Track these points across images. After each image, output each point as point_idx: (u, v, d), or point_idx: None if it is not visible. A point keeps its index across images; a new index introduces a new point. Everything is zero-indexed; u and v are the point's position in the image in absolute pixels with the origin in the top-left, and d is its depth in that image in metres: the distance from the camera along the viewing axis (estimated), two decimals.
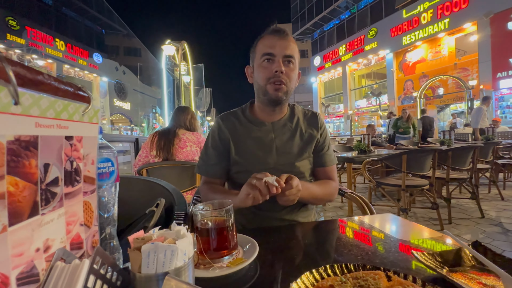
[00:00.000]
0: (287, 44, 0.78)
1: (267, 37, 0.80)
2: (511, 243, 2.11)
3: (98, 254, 0.27)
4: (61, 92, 0.27)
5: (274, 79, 0.78)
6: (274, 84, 0.78)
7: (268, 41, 0.79)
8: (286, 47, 0.78)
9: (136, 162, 1.98)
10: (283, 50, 0.78)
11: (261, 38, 0.82)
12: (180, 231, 0.35)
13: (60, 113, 0.26)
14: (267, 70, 0.79)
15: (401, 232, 0.62)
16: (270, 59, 0.78)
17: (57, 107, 0.26)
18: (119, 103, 23.40)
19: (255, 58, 0.83)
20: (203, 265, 0.44)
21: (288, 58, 0.79)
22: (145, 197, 0.99)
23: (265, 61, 0.79)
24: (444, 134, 4.36)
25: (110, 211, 0.42)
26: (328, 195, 0.86)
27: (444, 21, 12.60)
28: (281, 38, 0.78)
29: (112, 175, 0.42)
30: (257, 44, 0.83)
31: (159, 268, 0.30)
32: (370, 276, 0.34)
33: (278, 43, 0.78)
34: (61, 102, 0.26)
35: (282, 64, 0.77)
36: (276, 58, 0.78)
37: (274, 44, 0.78)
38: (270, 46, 0.78)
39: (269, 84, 0.79)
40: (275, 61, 0.78)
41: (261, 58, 0.79)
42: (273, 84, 0.78)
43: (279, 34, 0.79)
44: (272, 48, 0.78)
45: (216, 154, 0.87)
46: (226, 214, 0.47)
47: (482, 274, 0.40)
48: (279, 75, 0.77)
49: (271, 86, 0.79)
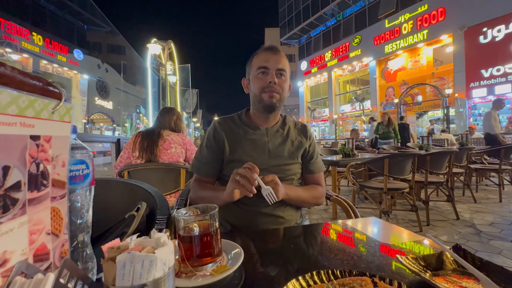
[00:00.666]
0: (279, 59, 0.89)
1: (262, 53, 0.91)
2: (483, 243, 2.23)
3: (65, 267, 0.24)
4: (27, 86, 0.24)
5: (269, 89, 0.87)
6: (268, 92, 0.87)
7: (263, 56, 0.89)
8: (279, 62, 0.88)
9: (117, 163, 1.90)
10: (276, 64, 0.87)
11: (256, 55, 0.92)
12: (160, 238, 0.33)
13: (24, 109, 0.24)
14: (262, 81, 0.88)
15: (386, 236, 0.62)
16: (264, 72, 0.88)
17: (21, 103, 0.23)
18: (101, 102, 22.51)
19: (251, 71, 0.93)
20: (185, 274, 0.42)
21: (280, 71, 0.88)
22: (125, 201, 0.94)
23: (260, 73, 0.88)
24: (423, 140, 4.56)
25: (84, 217, 0.39)
26: (315, 198, 0.92)
27: (423, 32, 13.29)
28: (274, 53, 0.89)
29: (87, 178, 0.39)
30: (253, 59, 0.93)
31: (136, 280, 0.28)
32: (356, 282, 0.33)
33: (271, 58, 0.88)
34: (26, 98, 0.24)
35: (275, 76, 0.87)
36: (270, 71, 0.87)
37: (268, 58, 0.88)
38: (264, 60, 0.88)
39: (264, 93, 0.88)
40: (269, 73, 0.87)
41: (256, 71, 0.89)
42: (267, 93, 0.87)
43: (272, 51, 0.90)
44: (266, 62, 0.87)
45: (209, 154, 0.93)
46: (210, 219, 0.45)
47: (462, 277, 0.41)
48: (272, 85, 0.87)
49: (266, 94, 0.88)
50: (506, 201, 3.54)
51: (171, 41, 7.97)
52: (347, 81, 19.68)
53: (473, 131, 7.68)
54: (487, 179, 4.33)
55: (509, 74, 10.44)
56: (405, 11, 14.15)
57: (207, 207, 0.47)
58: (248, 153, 0.90)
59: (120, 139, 2.46)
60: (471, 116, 11.92)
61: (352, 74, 18.25)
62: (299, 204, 0.93)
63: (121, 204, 0.95)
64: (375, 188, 2.63)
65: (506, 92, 10.68)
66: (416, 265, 0.42)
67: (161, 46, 7.50)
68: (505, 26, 10.58)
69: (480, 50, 11.33)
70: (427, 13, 13.12)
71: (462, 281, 0.40)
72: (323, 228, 0.69)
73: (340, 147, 3.42)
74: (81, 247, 0.39)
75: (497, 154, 3.86)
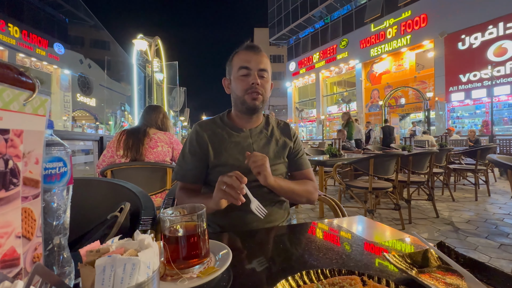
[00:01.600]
0: (261, 59, 0.86)
1: (242, 52, 0.88)
2: (461, 240, 2.34)
3: (37, 272, 0.22)
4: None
5: (251, 90, 0.85)
6: (251, 94, 0.85)
7: (244, 56, 0.87)
8: (260, 62, 0.86)
9: (100, 162, 1.83)
10: (258, 64, 0.85)
11: (237, 54, 0.89)
12: (144, 240, 0.31)
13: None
14: (244, 82, 0.85)
15: (372, 234, 0.63)
16: (246, 73, 0.85)
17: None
18: (83, 99, 21.61)
19: (232, 71, 0.89)
20: (170, 277, 0.40)
21: (262, 72, 0.86)
22: (108, 201, 0.91)
23: (241, 74, 0.86)
24: (405, 141, 4.72)
25: (61, 219, 0.36)
26: (307, 192, 0.89)
27: (406, 37, 13.77)
28: (255, 53, 0.86)
29: (64, 176, 0.36)
30: (233, 59, 0.90)
31: (117, 285, 0.26)
32: (346, 281, 0.33)
33: (253, 58, 0.85)
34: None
35: (257, 77, 0.85)
36: (252, 71, 0.85)
37: (249, 59, 0.85)
38: (246, 60, 0.85)
39: (247, 95, 0.86)
40: (251, 74, 0.85)
41: (238, 72, 0.86)
42: (250, 94, 0.85)
43: (254, 50, 0.87)
44: (248, 63, 0.85)
45: (193, 160, 0.89)
46: (198, 219, 0.44)
47: (447, 274, 0.42)
48: (255, 86, 0.84)
49: (248, 96, 0.85)
50: (481, 200, 3.73)
51: (158, 37, 7.77)
52: (334, 83, 20.05)
53: (451, 133, 8.06)
54: (464, 179, 4.55)
55: (484, 79, 11.03)
56: (390, 16, 14.61)
57: (194, 207, 0.45)
58: (233, 156, 0.88)
59: (103, 137, 2.37)
60: (450, 119, 12.49)
61: (339, 76, 18.62)
62: (291, 197, 0.89)
63: (103, 205, 0.91)
64: (360, 187, 2.69)
65: (481, 97, 11.28)
66: (402, 262, 0.42)
67: (148, 42, 7.30)
68: (481, 34, 11.17)
69: (458, 56, 11.90)
70: (410, 19, 13.61)
71: (446, 277, 0.41)
72: (310, 227, 0.69)
73: (327, 147, 3.47)
74: (57, 250, 0.37)
75: (473, 155, 4.06)
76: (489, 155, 1.67)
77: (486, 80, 10.80)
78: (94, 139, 2.28)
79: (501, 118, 11.16)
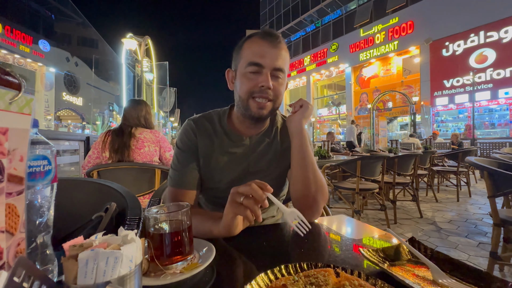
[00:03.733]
0: (278, 54, 0.67)
1: (257, 41, 0.68)
2: (443, 239, 2.43)
3: (20, 265, 0.23)
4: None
5: (259, 94, 0.67)
6: (258, 100, 0.68)
7: (258, 47, 0.67)
8: (277, 58, 0.67)
9: (85, 163, 1.79)
10: (274, 62, 0.66)
11: (249, 40, 0.69)
12: (128, 235, 0.32)
13: None
14: (252, 83, 0.67)
15: (352, 232, 0.66)
16: (256, 71, 0.67)
17: None
18: (69, 98, 20.99)
19: (238, 64, 0.71)
20: (154, 273, 0.41)
21: (277, 72, 0.68)
22: (93, 202, 0.90)
23: (250, 72, 0.67)
24: (392, 143, 4.86)
25: (44, 216, 0.37)
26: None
27: (394, 43, 14.20)
28: (273, 46, 0.67)
29: (48, 174, 0.37)
30: (243, 47, 0.70)
31: (99, 278, 0.27)
32: (320, 273, 0.35)
33: (269, 52, 0.66)
34: None
35: (270, 78, 0.66)
36: (264, 70, 0.66)
37: (264, 52, 0.66)
38: (259, 54, 0.66)
39: (252, 99, 0.68)
40: (263, 73, 0.66)
41: (246, 67, 0.68)
42: (256, 100, 0.68)
43: (271, 41, 0.67)
44: (261, 58, 0.66)
45: (190, 158, 0.75)
46: (182, 217, 0.45)
47: (416, 266, 0.45)
48: (265, 90, 0.67)
49: (254, 103, 0.68)
50: (463, 200, 3.89)
51: (148, 37, 7.69)
52: (324, 86, 20.38)
53: (436, 136, 8.35)
54: (447, 181, 4.73)
55: (466, 85, 11.51)
56: (378, 22, 15.03)
57: (179, 205, 0.47)
58: (222, 169, 0.75)
59: (90, 137, 2.32)
60: (435, 123, 12.94)
61: (329, 79, 18.94)
62: (309, 173, 0.70)
63: (88, 206, 0.90)
64: (348, 188, 2.75)
65: (464, 102, 11.76)
66: (376, 256, 0.45)
67: (138, 41, 7.20)
68: (464, 41, 11.68)
69: (443, 62, 12.38)
70: (398, 25, 14.05)
71: (415, 269, 0.44)
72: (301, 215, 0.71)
73: (316, 149, 3.53)
74: (41, 248, 0.37)
75: (455, 158, 4.23)
76: (467, 157, 1.76)
77: (468, 85, 11.28)
78: (80, 139, 2.23)
79: (482, 123, 11.66)
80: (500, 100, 10.87)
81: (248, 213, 0.50)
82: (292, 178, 0.74)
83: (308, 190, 0.69)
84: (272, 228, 0.71)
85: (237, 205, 0.51)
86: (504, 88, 10.65)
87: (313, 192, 0.69)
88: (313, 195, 0.69)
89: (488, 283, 0.36)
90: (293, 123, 0.74)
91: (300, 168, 0.71)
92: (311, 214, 0.70)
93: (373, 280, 0.35)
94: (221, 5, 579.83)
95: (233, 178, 0.76)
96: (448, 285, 0.37)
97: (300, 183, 0.70)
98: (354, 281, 0.33)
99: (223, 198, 0.57)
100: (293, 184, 0.74)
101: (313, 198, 0.69)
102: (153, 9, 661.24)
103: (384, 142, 13.30)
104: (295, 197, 0.73)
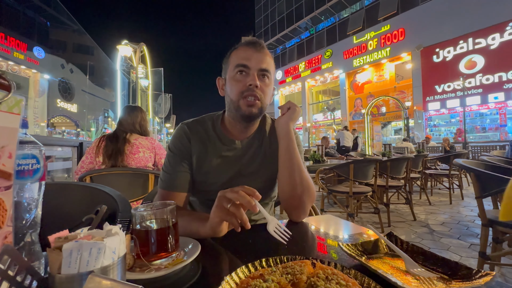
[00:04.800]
0: (263, 57, 0.74)
1: (242, 48, 0.75)
2: (435, 241, 2.46)
3: (6, 253, 0.24)
4: None
5: (248, 93, 0.72)
6: (247, 99, 0.72)
7: (243, 52, 0.74)
8: (262, 60, 0.73)
9: (78, 169, 1.78)
10: (259, 63, 0.73)
11: (236, 50, 0.77)
12: (112, 229, 0.34)
13: None
14: (240, 84, 0.73)
15: (336, 229, 0.68)
16: (244, 72, 0.73)
17: None
18: (64, 105, 20.83)
19: (227, 70, 0.77)
20: (139, 268, 0.42)
21: (264, 72, 0.74)
22: (85, 205, 0.90)
23: (238, 73, 0.73)
24: (385, 147, 4.93)
25: (32, 213, 0.38)
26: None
27: (386, 49, 14.53)
28: (257, 50, 0.74)
29: (37, 173, 0.38)
30: (231, 55, 0.77)
31: (82, 268, 0.29)
32: (297, 264, 0.37)
33: (253, 55, 0.73)
34: None
35: (257, 77, 0.72)
36: (251, 71, 0.72)
37: (249, 56, 0.73)
38: (244, 58, 0.73)
39: (242, 99, 0.73)
40: (250, 74, 0.72)
41: (234, 70, 0.73)
42: (246, 99, 0.72)
43: (255, 46, 0.74)
44: (247, 60, 0.72)
45: (182, 162, 0.77)
46: (167, 214, 0.47)
47: (393, 259, 0.47)
48: (253, 89, 0.72)
49: (244, 102, 0.73)
50: (455, 203, 3.95)
51: (143, 43, 7.75)
52: (319, 91, 20.64)
53: (429, 140, 8.50)
54: (440, 184, 4.80)
55: (457, 90, 11.78)
56: (371, 29, 15.39)
57: (165, 203, 0.48)
58: (218, 173, 0.78)
59: (83, 143, 2.32)
60: (427, 127, 13.16)
61: (324, 85, 19.21)
62: (295, 174, 0.73)
63: (80, 209, 0.90)
64: (342, 192, 2.77)
65: (455, 106, 12.01)
66: (354, 250, 0.47)
67: (133, 48, 7.25)
68: (453, 48, 12.01)
69: (434, 68, 12.69)
70: (389, 33, 14.40)
71: (391, 262, 0.46)
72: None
73: (311, 154, 3.57)
74: (29, 244, 0.38)
75: (447, 161, 4.30)
76: (456, 159, 1.80)
77: (459, 90, 11.55)
78: (73, 145, 2.22)
79: (474, 127, 11.90)
80: (490, 104, 11.14)
81: (234, 220, 0.51)
82: (279, 179, 0.78)
83: (295, 190, 0.72)
84: (258, 227, 0.72)
85: (223, 211, 0.52)
86: (493, 93, 10.93)
87: (300, 192, 0.72)
88: (300, 196, 0.72)
89: (454, 270, 0.38)
90: (281, 125, 0.78)
91: (286, 169, 0.74)
92: (298, 214, 0.73)
93: (348, 270, 0.37)
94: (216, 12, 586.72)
95: (226, 180, 0.78)
96: (418, 273, 0.39)
97: (287, 184, 0.73)
98: (328, 270, 0.35)
99: None
100: (280, 185, 0.77)
101: (300, 198, 0.72)
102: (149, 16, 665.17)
103: (379, 146, 13.44)
104: (282, 197, 0.76)
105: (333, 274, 0.34)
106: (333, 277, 0.33)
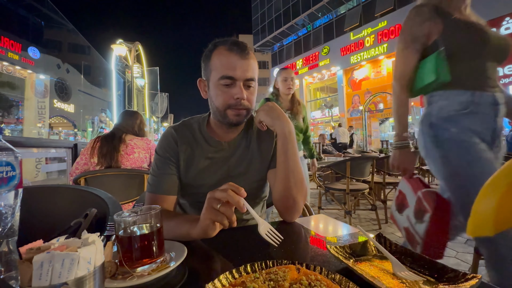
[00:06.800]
0: (248, 64, 0.71)
1: (225, 53, 0.70)
2: None
3: None
4: None
5: (235, 106, 0.72)
6: (234, 109, 0.72)
7: (226, 59, 0.70)
8: (248, 69, 0.71)
9: (73, 170, 1.77)
10: (245, 73, 0.70)
11: (217, 51, 0.72)
12: (88, 238, 0.33)
13: None
14: (226, 95, 0.71)
15: (326, 230, 0.68)
16: (229, 84, 0.71)
17: None
18: (61, 105, 20.68)
19: (210, 75, 0.74)
20: (121, 275, 0.41)
21: (249, 82, 0.72)
22: (75, 208, 0.89)
23: (223, 85, 0.71)
24: (382, 144, 4.94)
25: (8, 222, 0.37)
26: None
27: (383, 45, 14.49)
28: (241, 57, 0.70)
29: (12, 180, 0.37)
30: (212, 58, 0.72)
31: (55, 279, 0.28)
32: (281, 270, 0.36)
33: (238, 64, 0.69)
34: None
35: (243, 89, 0.71)
36: (237, 82, 0.70)
37: (234, 65, 0.69)
38: (229, 67, 0.69)
39: (230, 109, 0.73)
40: (236, 85, 0.70)
41: (219, 80, 0.71)
42: (234, 109, 0.72)
43: (239, 52, 0.70)
44: (232, 71, 0.69)
45: (169, 165, 0.77)
46: (152, 219, 0.46)
47: (382, 261, 0.47)
48: (240, 102, 0.71)
49: (231, 111, 0.73)
50: None
51: (138, 43, 7.67)
52: (317, 89, 20.62)
53: None
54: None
55: None
56: (368, 25, 15.34)
57: (149, 208, 0.47)
58: (206, 174, 0.78)
59: (77, 144, 2.30)
60: None
61: (322, 82, 19.19)
62: (290, 161, 0.73)
63: (70, 212, 0.89)
64: (339, 189, 2.78)
65: None
66: (342, 253, 0.46)
67: (127, 47, 7.18)
68: None
69: None
70: (386, 29, 14.36)
71: (380, 264, 0.45)
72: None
73: None
74: (5, 253, 0.37)
75: None
76: None
77: None
78: (67, 146, 2.20)
79: None
80: None
81: (225, 221, 0.50)
82: (274, 179, 0.77)
83: (289, 191, 0.72)
84: (245, 230, 0.72)
85: (214, 212, 0.51)
86: None
87: (294, 193, 0.72)
88: (294, 196, 0.72)
89: (441, 273, 0.38)
90: (280, 128, 0.75)
91: (281, 170, 0.74)
92: (292, 214, 0.73)
93: (333, 275, 0.37)
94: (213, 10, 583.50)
95: (214, 182, 0.78)
96: (404, 277, 0.38)
97: (282, 184, 0.73)
98: (312, 276, 0.34)
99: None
100: (274, 185, 0.76)
101: (294, 199, 0.72)
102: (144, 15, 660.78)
103: (377, 143, 13.47)
104: (276, 197, 0.75)
105: (317, 280, 0.33)
106: (316, 283, 0.32)
